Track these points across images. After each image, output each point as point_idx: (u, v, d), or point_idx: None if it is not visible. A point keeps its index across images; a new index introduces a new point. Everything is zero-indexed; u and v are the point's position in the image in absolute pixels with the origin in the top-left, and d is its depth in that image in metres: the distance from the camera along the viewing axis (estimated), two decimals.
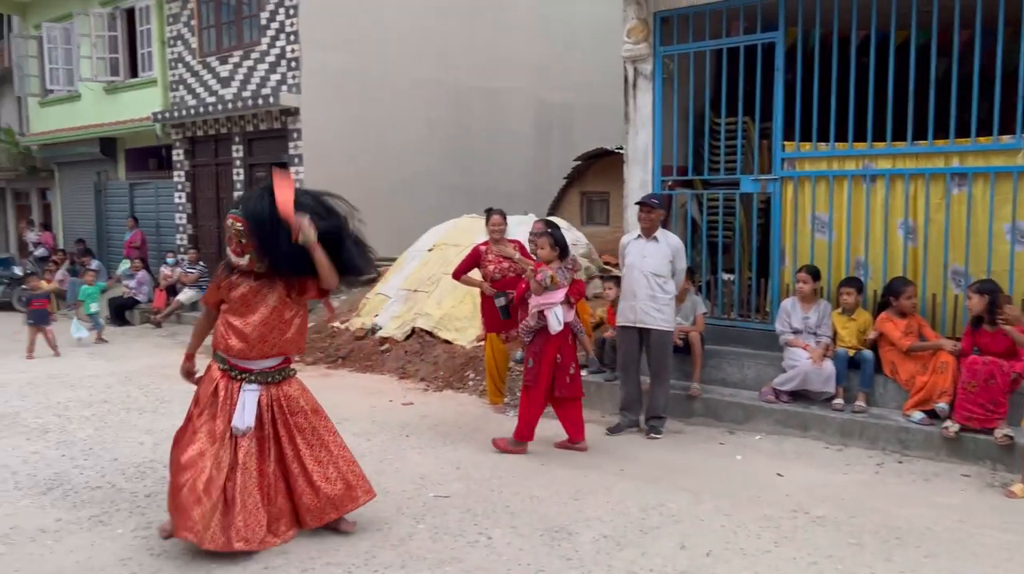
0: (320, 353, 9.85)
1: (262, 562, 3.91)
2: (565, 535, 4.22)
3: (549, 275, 5.53)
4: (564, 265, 5.67)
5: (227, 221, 4.03)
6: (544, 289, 5.53)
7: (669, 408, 6.22)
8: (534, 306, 5.63)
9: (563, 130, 15.90)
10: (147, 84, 15.44)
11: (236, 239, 3.99)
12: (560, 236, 5.75)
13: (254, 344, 4.04)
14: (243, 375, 4.08)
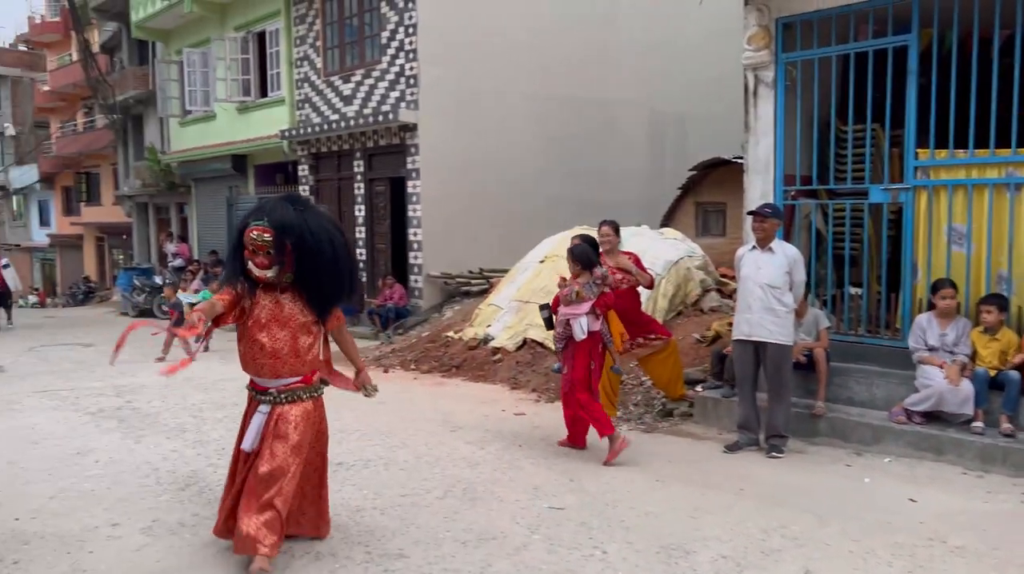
0: (434, 362, 10.06)
1: (382, 566, 4.01)
2: (682, 553, 4.12)
3: (575, 290, 5.91)
4: (592, 279, 5.93)
5: (251, 233, 3.83)
6: (570, 301, 5.89)
7: (791, 427, 5.98)
8: (561, 316, 6.03)
9: (677, 140, 15.68)
10: (275, 103, 16.27)
11: (263, 250, 3.83)
12: (580, 252, 6.02)
13: (282, 359, 3.94)
14: (261, 396, 4.04)
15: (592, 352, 5.92)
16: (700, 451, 6.05)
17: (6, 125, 35.87)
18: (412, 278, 13.54)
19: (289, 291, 3.97)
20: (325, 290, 4.01)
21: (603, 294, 5.97)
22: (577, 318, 5.87)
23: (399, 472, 5.61)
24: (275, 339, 3.90)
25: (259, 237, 3.82)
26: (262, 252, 3.84)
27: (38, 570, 4.01)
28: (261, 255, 3.84)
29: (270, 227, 3.83)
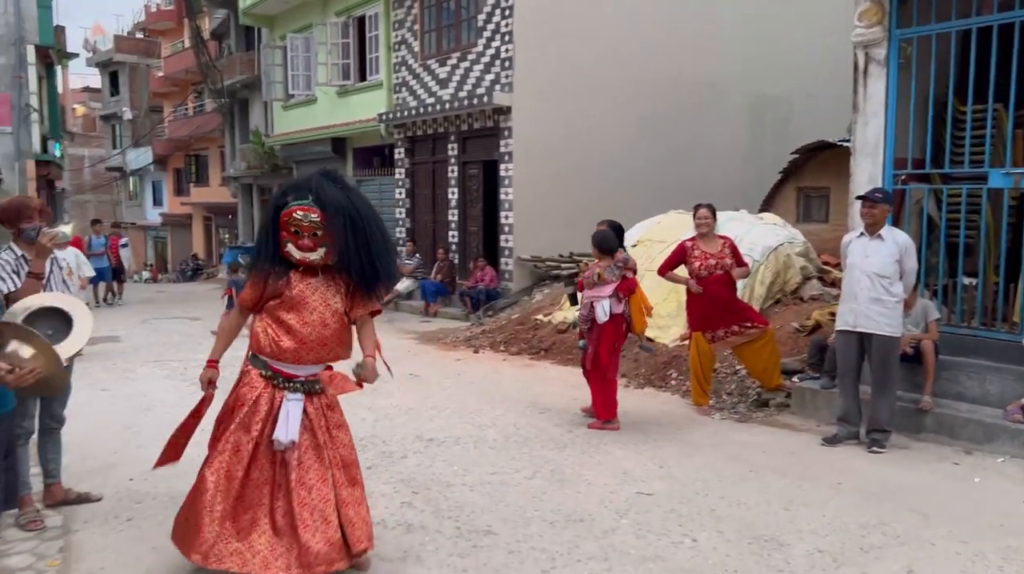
0: (523, 344, 10.10)
1: (471, 541, 4.06)
2: (775, 546, 4.01)
3: (597, 273, 6.20)
4: (615, 263, 6.19)
5: (296, 213, 3.47)
6: (593, 284, 6.16)
7: (895, 421, 5.72)
8: (585, 298, 6.27)
9: (778, 122, 15.15)
10: (374, 87, 16.58)
11: (309, 231, 3.49)
12: (600, 237, 6.33)
13: (311, 346, 3.56)
14: (287, 383, 3.61)
15: (616, 334, 6.19)
16: (796, 443, 5.87)
17: (124, 110, 37.91)
18: (503, 261, 13.61)
19: (324, 274, 3.61)
20: (371, 273, 3.62)
21: (625, 278, 6.20)
22: (600, 301, 6.13)
23: (488, 450, 5.66)
24: (306, 324, 3.53)
25: (305, 217, 3.48)
26: (308, 234, 3.49)
27: (150, 527, 4.25)
28: (307, 237, 3.49)
29: (317, 207, 3.50)
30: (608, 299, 6.11)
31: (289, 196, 3.58)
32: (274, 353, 3.58)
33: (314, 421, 3.59)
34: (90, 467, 5.21)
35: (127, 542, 4.05)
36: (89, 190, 44.08)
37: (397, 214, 16.33)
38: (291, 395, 3.58)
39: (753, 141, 15.23)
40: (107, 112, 40.49)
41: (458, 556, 3.88)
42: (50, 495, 4.52)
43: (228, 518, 3.47)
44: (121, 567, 3.76)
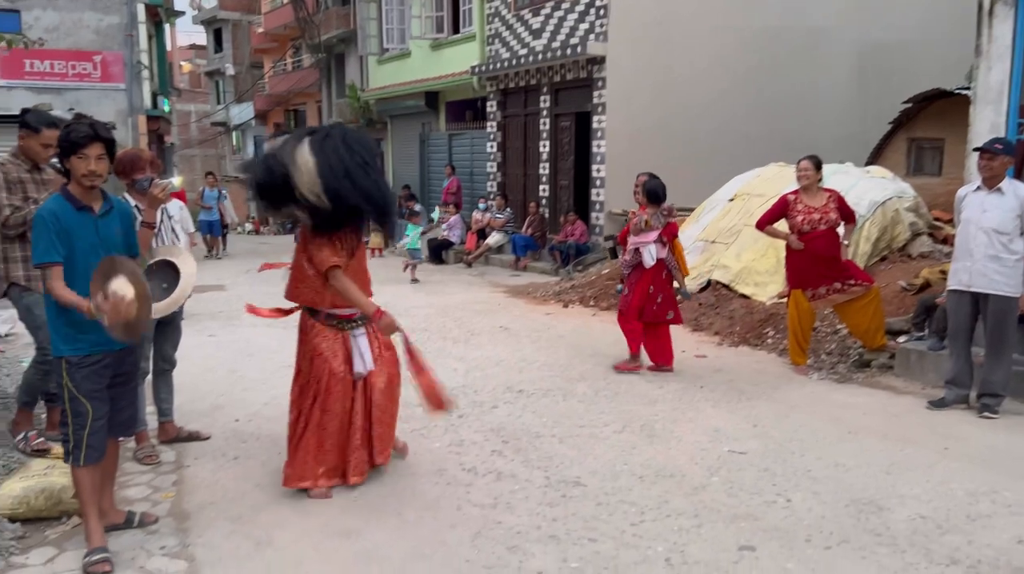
0: (614, 299, 10.00)
1: (560, 491, 4.10)
2: (875, 509, 3.88)
3: (644, 219, 6.43)
4: (660, 210, 6.47)
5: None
6: (640, 230, 6.40)
7: (1010, 386, 5.41)
8: (631, 244, 6.53)
9: (887, 71, 14.29)
10: (467, 40, 16.51)
11: None
12: (650, 187, 6.56)
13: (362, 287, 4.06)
14: (348, 323, 4.07)
15: (656, 279, 6.49)
16: (900, 405, 5.64)
17: (227, 66, 39.10)
18: (594, 215, 13.47)
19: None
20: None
21: (669, 223, 6.53)
22: (646, 246, 6.42)
23: (577, 404, 5.68)
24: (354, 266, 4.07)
25: None
26: None
27: (255, 465, 4.47)
28: None
29: None
30: (654, 244, 6.42)
31: None
32: (334, 304, 4.02)
33: (375, 351, 4.15)
34: (199, 408, 5.50)
35: (233, 479, 4.27)
36: (195, 144, 45.95)
37: (488, 168, 16.34)
38: (356, 331, 4.08)
39: (860, 90, 14.46)
40: (211, 68, 41.86)
41: (547, 505, 3.93)
42: (163, 432, 4.80)
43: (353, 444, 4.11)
44: (229, 502, 3.98)
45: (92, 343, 3.29)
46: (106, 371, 3.37)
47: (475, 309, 9.68)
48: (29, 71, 17.56)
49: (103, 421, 3.37)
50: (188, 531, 3.65)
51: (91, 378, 3.31)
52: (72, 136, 3.28)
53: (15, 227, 4.38)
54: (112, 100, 18.26)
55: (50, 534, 3.61)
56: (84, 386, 3.29)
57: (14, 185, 4.43)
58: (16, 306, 4.59)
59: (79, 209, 3.30)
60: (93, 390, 3.31)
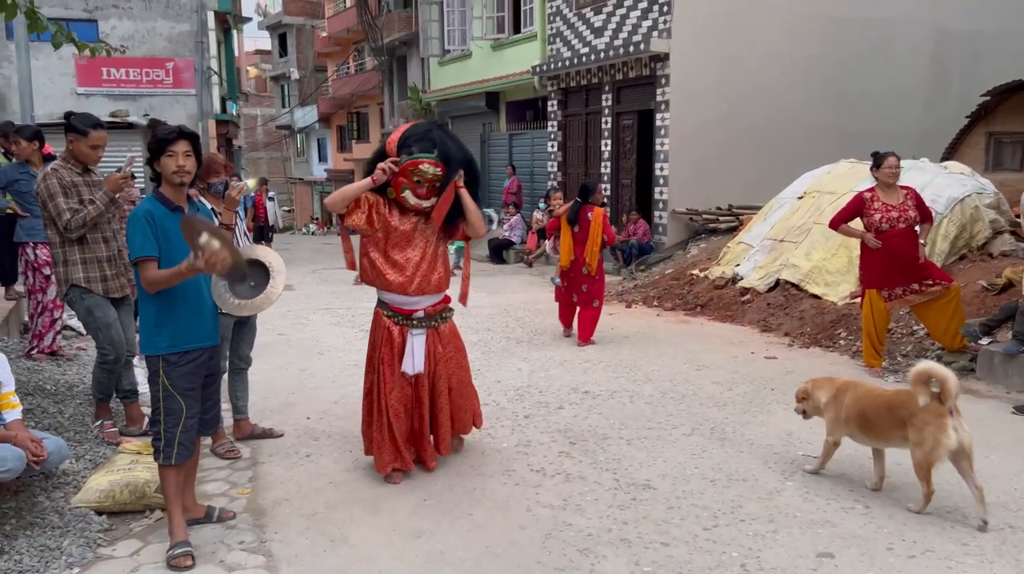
0: (678, 299, 9.90)
1: (630, 494, 4.06)
2: (960, 518, 3.74)
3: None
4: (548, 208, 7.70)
5: (422, 166, 3.96)
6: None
7: None
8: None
9: (965, 62, 13.80)
10: (528, 39, 16.52)
11: (430, 183, 4.02)
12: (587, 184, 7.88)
13: (413, 278, 4.08)
14: (407, 320, 4.15)
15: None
16: (982, 410, 5.42)
17: (291, 70, 39.96)
18: (656, 214, 13.33)
19: (424, 214, 4.14)
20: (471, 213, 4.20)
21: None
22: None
23: (644, 406, 5.62)
24: (409, 259, 4.09)
25: (430, 171, 3.99)
26: (428, 185, 4.02)
27: (327, 463, 4.54)
28: (426, 187, 4.03)
29: (442, 162, 4.01)
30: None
31: (414, 146, 4.00)
32: (385, 286, 4.10)
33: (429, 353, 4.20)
34: (272, 405, 5.63)
35: (307, 476, 4.35)
36: (261, 147, 47.10)
37: (549, 167, 16.32)
38: (415, 331, 4.14)
39: (935, 83, 13.98)
40: (276, 73, 42.86)
41: (618, 508, 3.90)
42: (239, 429, 4.92)
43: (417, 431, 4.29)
44: (303, 498, 4.05)
45: (189, 341, 3.38)
46: (200, 369, 3.45)
47: (537, 309, 9.68)
48: (106, 79, 18.25)
49: (196, 419, 3.45)
50: (264, 527, 3.73)
51: (187, 376, 3.38)
52: (159, 135, 3.38)
53: (77, 230, 4.52)
54: (183, 105, 18.84)
55: (135, 527, 3.73)
56: (180, 384, 3.36)
57: (69, 189, 4.57)
58: (75, 308, 4.69)
59: (172, 210, 3.39)
60: (188, 388, 3.39)
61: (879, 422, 3.93)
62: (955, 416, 3.68)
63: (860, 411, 4.01)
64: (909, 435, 3.76)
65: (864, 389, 4.16)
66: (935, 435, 3.65)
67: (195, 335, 3.39)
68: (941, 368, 3.70)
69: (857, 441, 4.12)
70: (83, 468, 4.21)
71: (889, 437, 3.92)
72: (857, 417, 4.02)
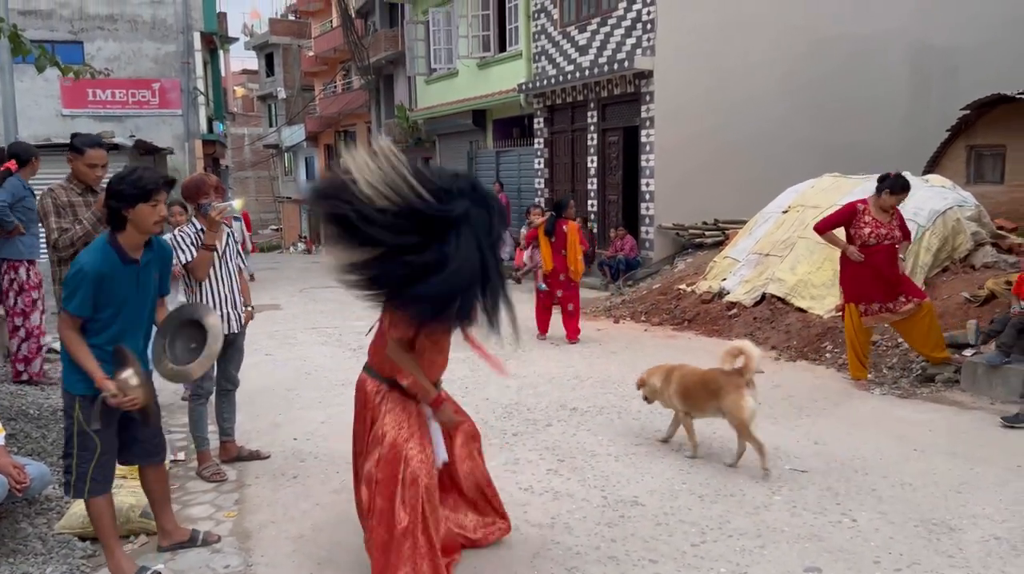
0: (665, 314, 9.93)
1: (618, 511, 4.06)
2: (945, 530, 3.76)
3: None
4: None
5: None
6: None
7: None
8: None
9: (945, 76, 13.96)
10: (513, 57, 16.63)
11: None
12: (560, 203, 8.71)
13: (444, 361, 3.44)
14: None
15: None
16: (967, 421, 5.46)
17: (279, 89, 40.03)
18: (643, 229, 13.39)
19: None
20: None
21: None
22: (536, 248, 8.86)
23: (632, 422, 5.63)
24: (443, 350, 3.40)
25: None
26: None
27: (314, 484, 4.52)
28: None
29: None
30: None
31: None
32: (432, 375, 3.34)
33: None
34: (258, 427, 5.60)
35: (294, 498, 4.33)
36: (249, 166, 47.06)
37: (536, 184, 16.39)
38: (429, 410, 3.36)
39: (915, 97, 14.15)
40: (263, 92, 42.93)
41: (606, 525, 3.89)
42: (225, 451, 4.89)
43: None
44: (290, 521, 4.03)
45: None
46: (117, 410, 3.27)
47: (526, 326, 9.67)
48: (92, 100, 18.25)
49: (111, 455, 3.35)
50: (251, 550, 3.71)
51: (104, 414, 3.24)
52: (144, 183, 3.18)
53: (64, 248, 4.53)
54: (170, 126, 18.84)
55: None
56: (95, 422, 3.23)
57: (63, 209, 4.58)
58: None
59: (126, 263, 3.22)
60: (104, 425, 3.26)
61: (697, 396, 4.72)
62: (750, 387, 4.51)
63: (683, 388, 4.78)
64: (720, 405, 4.56)
65: (686, 370, 4.89)
66: (736, 401, 4.48)
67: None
68: (750, 346, 4.54)
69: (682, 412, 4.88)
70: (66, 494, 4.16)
71: (704, 408, 4.72)
72: (681, 393, 4.79)
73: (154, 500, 3.64)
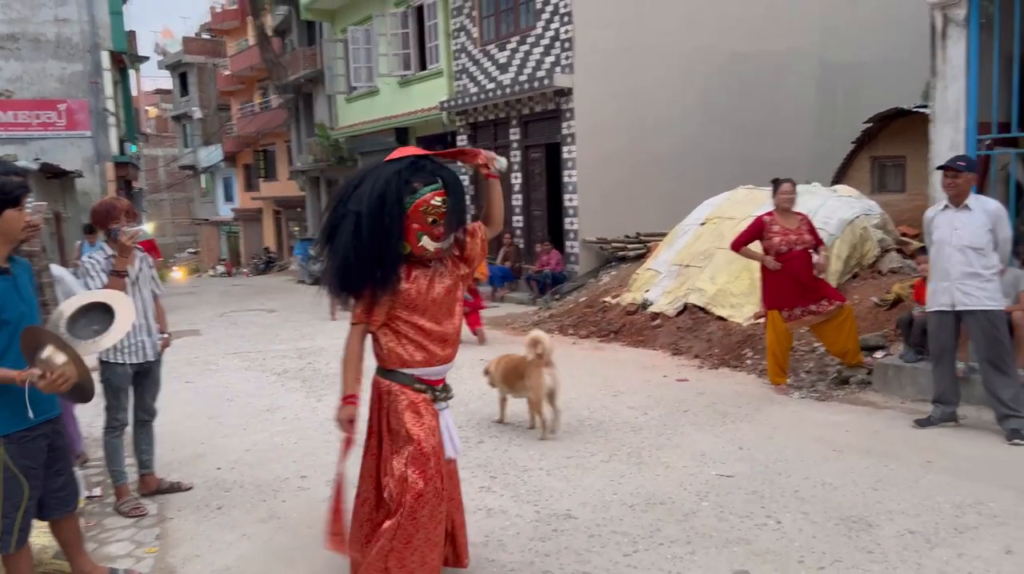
0: (592, 327, 10.06)
1: (551, 525, 4.07)
2: (864, 526, 3.91)
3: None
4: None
5: (432, 200, 3.07)
6: None
7: (1021, 401, 5.18)
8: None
9: (850, 91, 14.66)
10: (434, 75, 16.66)
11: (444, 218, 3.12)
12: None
13: (449, 341, 3.22)
14: (437, 392, 3.24)
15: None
16: (880, 421, 5.70)
17: (194, 109, 39.06)
18: (568, 244, 13.55)
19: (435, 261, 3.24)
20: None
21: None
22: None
23: (563, 434, 5.66)
24: (438, 321, 3.19)
25: (444, 203, 3.11)
26: (442, 221, 3.13)
27: (239, 514, 4.39)
28: (441, 224, 3.13)
29: (445, 190, 3.14)
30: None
31: (416, 182, 3.11)
32: (428, 361, 3.17)
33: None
34: (180, 457, 5.41)
35: (218, 529, 4.19)
36: (164, 189, 45.67)
37: None
38: (441, 405, 3.25)
39: (823, 111, 14.79)
40: (178, 112, 41.81)
41: (539, 540, 3.90)
42: (144, 485, 4.71)
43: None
44: (215, 553, 3.90)
45: (34, 413, 2.97)
46: (43, 443, 3.11)
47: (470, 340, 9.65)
48: None
49: (35, 502, 3.11)
50: None
51: (32, 453, 3.04)
52: (10, 188, 2.96)
53: None
54: (78, 148, 18.12)
55: None
56: (23, 462, 3.00)
57: None
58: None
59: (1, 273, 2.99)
60: (31, 466, 3.04)
61: (512, 378, 5.79)
62: (550, 367, 5.56)
63: (504, 373, 5.89)
64: (525, 383, 5.61)
65: (508, 358, 5.98)
66: (536, 379, 5.53)
67: (39, 406, 2.97)
68: (544, 337, 5.63)
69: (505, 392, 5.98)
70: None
71: (516, 387, 5.78)
72: (504, 377, 5.89)
73: (68, 545, 3.46)
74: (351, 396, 3.15)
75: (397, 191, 3.09)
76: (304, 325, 11.69)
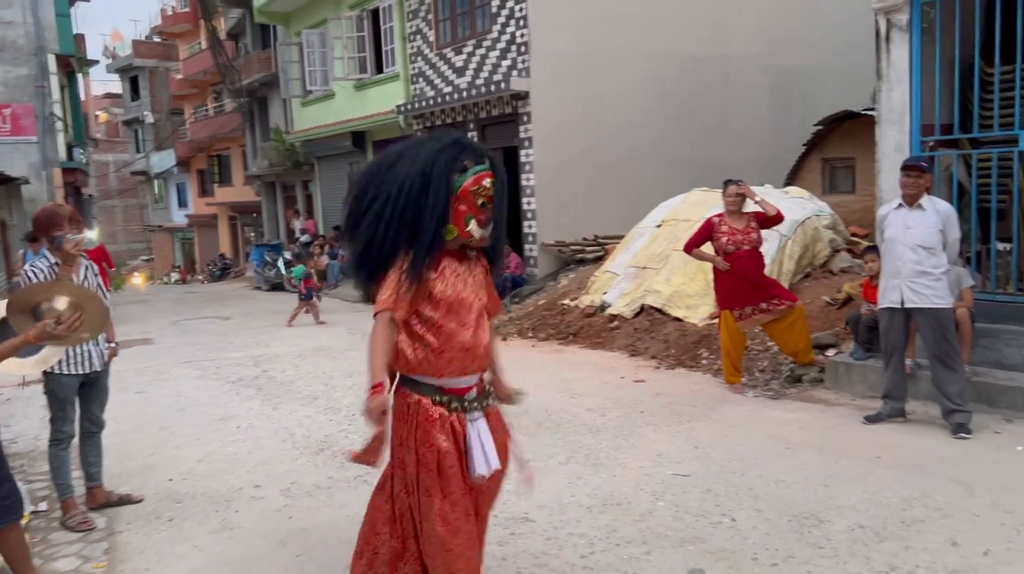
0: (551, 330, 10.08)
1: (509, 529, 4.07)
2: (816, 522, 3.97)
3: None
4: None
5: (483, 181, 2.77)
6: None
7: (966, 396, 5.35)
8: None
9: (801, 95, 14.93)
10: (390, 79, 16.57)
11: (488, 204, 2.82)
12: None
13: (475, 351, 2.87)
14: (462, 402, 2.90)
15: None
16: (832, 418, 5.81)
17: (145, 114, 38.30)
18: (527, 247, 13.57)
19: (469, 260, 2.95)
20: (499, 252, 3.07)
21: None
22: None
23: (522, 437, 5.64)
24: (466, 324, 2.85)
25: (493, 186, 2.81)
26: (491, 205, 2.84)
27: (191, 526, 4.30)
28: (489, 209, 2.83)
29: (492, 171, 2.83)
30: None
31: (467, 160, 2.80)
32: (444, 370, 2.83)
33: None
34: (130, 469, 5.29)
35: (169, 542, 4.11)
36: (115, 195, 44.68)
37: None
38: (472, 416, 2.90)
39: (776, 115, 15.04)
40: (129, 117, 40.94)
41: (496, 544, 3.89)
42: (92, 498, 4.59)
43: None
44: (165, 566, 3.82)
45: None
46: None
47: None
48: None
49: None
50: None
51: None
52: None
53: None
54: (24, 154, 17.67)
55: None
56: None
57: None
58: None
59: None
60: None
61: None
62: None
63: None
64: None
65: None
66: None
67: None
68: None
69: None
70: None
71: None
72: None
73: (14, 560, 3.36)
74: (379, 385, 2.71)
75: (446, 168, 2.76)
76: (259, 332, 11.54)
